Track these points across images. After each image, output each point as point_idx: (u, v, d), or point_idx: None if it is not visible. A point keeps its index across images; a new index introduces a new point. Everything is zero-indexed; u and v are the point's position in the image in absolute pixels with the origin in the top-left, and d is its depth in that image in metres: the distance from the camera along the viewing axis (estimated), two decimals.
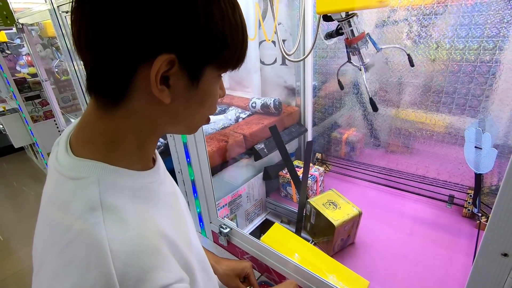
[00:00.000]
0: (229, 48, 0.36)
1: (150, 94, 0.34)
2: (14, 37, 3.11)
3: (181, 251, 0.39)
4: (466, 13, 1.01)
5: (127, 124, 0.36)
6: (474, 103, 1.10)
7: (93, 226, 0.31)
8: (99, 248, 0.30)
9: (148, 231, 0.35)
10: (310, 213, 1.14)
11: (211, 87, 0.38)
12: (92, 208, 0.32)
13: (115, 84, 0.34)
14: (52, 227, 0.33)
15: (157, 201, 0.40)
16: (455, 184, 1.26)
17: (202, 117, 0.41)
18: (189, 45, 0.32)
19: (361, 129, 1.50)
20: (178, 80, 0.34)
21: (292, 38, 1.50)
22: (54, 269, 0.31)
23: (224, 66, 0.38)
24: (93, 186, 0.33)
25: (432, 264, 1.01)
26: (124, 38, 0.31)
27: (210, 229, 1.13)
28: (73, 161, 0.35)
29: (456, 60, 1.08)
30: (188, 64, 0.34)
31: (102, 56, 0.32)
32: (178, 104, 0.36)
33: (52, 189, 0.36)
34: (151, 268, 0.32)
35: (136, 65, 0.32)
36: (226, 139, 1.30)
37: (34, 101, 2.75)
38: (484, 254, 0.46)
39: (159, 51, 0.31)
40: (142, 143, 0.39)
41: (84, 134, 0.37)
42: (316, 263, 0.89)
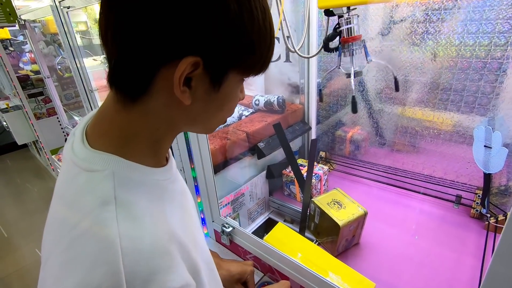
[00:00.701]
0: (255, 54, 0.35)
1: (170, 94, 0.33)
2: (17, 34, 3.11)
3: (189, 252, 0.38)
4: (476, 8, 0.98)
5: (144, 121, 0.36)
6: (483, 101, 1.07)
7: (105, 220, 0.30)
8: (110, 244, 0.29)
9: (159, 231, 0.34)
10: (314, 213, 1.12)
11: (232, 91, 0.38)
12: (105, 202, 0.31)
13: (136, 80, 0.33)
14: (63, 219, 0.33)
15: (168, 200, 0.40)
16: (462, 184, 1.23)
17: (219, 120, 0.41)
18: (215, 50, 0.32)
19: (366, 127, 1.47)
20: (200, 83, 0.34)
21: (296, 34, 1.47)
22: (62, 263, 0.30)
23: (248, 71, 0.37)
24: (108, 179, 0.33)
25: (439, 266, 0.99)
26: (152, 37, 0.30)
27: (212, 228, 1.12)
28: (88, 152, 0.35)
29: (465, 56, 1.05)
30: (212, 68, 0.33)
31: (128, 52, 0.32)
32: (198, 106, 0.36)
33: (66, 179, 0.35)
34: (159, 269, 0.31)
35: (160, 65, 0.32)
36: (228, 137, 1.28)
37: (37, 98, 2.75)
38: (500, 258, 0.44)
39: (185, 53, 0.31)
40: (158, 141, 0.39)
41: (100, 126, 0.37)
42: (321, 264, 0.87)
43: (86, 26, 2.08)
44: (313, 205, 1.11)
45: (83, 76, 1.63)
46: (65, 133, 2.70)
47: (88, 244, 0.30)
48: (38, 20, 2.09)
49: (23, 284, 1.99)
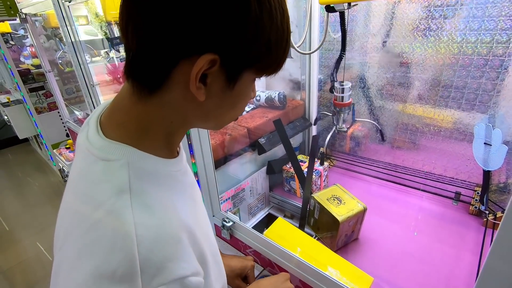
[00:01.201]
0: (272, 55, 0.36)
1: (186, 89, 0.34)
2: (18, 28, 3.10)
3: (199, 243, 0.39)
4: (479, 5, 0.98)
5: (159, 113, 0.37)
6: (484, 98, 1.07)
7: (121, 209, 0.32)
8: (126, 231, 0.31)
9: (172, 220, 0.35)
10: (314, 208, 1.13)
11: (245, 90, 0.38)
12: (121, 191, 0.33)
13: (154, 73, 0.34)
14: (81, 204, 0.34)
15: (180, 190, 0.41)
16: (462, 181, 1.24)
17: (231, 118, 0.42)
18: (234, 49, 0.32)
19: (367, 124, 1.48)
20: (215, 80, 0.34)
21: (298, 30, 1.47)
22: (79, 247, 0.31)
23: (263, 71, 0.37)
24: (123, 169, 0.34)
25: (437, 261, 1.00)
26: (174, 32, 0.30)
27: (213, 222, 1.13)
28: (104, 142, 0.36)
29: (467, 53, 1.05)
30: (228, 66, 0.33)
31: (148, 45, 0.32)
32: (211, 103, 0.36)
33: (82, 167, 0.36)
34: (172, 257, 0.33)
35: (178, 59, 0.32)
36: (229, 132, 1.28)
37: (38, 92, 2.75)
38: (496, 253, 0.45)
39: (204, 50, 0.31)
40: (171, 133, 0.40)
41: (116, 117, 0.38)
42: (320, 258, 0.88)
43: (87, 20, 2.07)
44: (313, 200, 1.12)
45: (84, 71, 1.63)
46: (66, 127, 2.71)
47: (105, 231, 0.31)
48: (39, 14, 2.09)
49: (24, 277, 2.01)
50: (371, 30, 1.27)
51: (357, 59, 1.39)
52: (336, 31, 1.40)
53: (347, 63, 1.43)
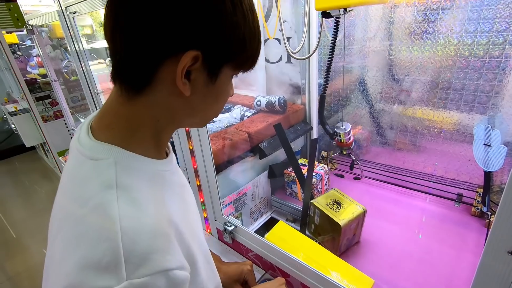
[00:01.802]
0: (246, 51, 0.39)
1: (173, 85, 0.36)
2: (25, 39, 3.18)
3: (185, 240, 0.40)
4: (474, 7, 0.99)
5: (147, 112, 0.39)
6: (483, 100, 1.08)
7: (107, 203, 0.33)
8: (111, 223, 0.32)
9: (158, 214, 0.36)
10: (314, 214, 1.13)
11: (225, 85, 0.41)
12: (108, 187, 0.34)
13: (141, 72, 0.36)
14: (71, 200, 0.36)
15: (168, 189, 0.42)
16: (463, 182, 1.23)
17: (215, 112, 0.45)
18: (213, 45, 0.35)
19: (367, 127, 1.48)
20: (198, 76, 0.37)
21: (297, 35, 1.49)
22: (69, 238, 0.33)
23: (239, 67, 0.41)
24: (110, 167, 0.36)
25: (440, 263, 0.99)
26: (159, 33, 0.33)
27: (215, 226, 1.14)
28: (93, 143, 0.38)
29: (464, 55, 1.06)
30: (209, 62, 0.36)
31: (134, 46, 0.34)
32: (196, 98, 0.39)
33: (73, 166, 0.39)
34: (156, 249, 0.34)
35: (164, 58, 0.35)
36: (231, 137, 1.30)
37: (44, 101, 2.81)
38: (490, 252, 0.45)
39: (188, 47, 0.34)
40: (159, 132, 0.41)
41: (105, 119, 0.40)
42: (321, 261, 0.89)
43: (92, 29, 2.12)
44: (312, 207, 1.12)
45: (89, 79, 1.67)
46: (72, 135, 2.75)
47: (92, 223, 0.33)
48: (45, 25, 2.14)
49: (31, 283, 2.04)
50: (369, 34, 1.28)
51: (356, 63, 1.40)
52: None
53: (346, 67, 1.44)
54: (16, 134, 3.04)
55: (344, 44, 1.39)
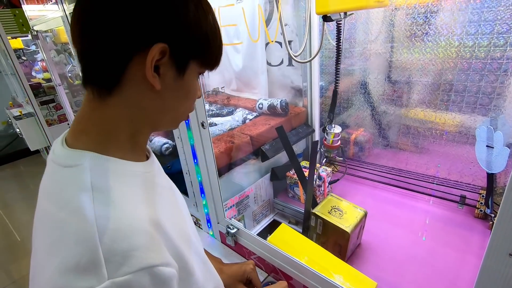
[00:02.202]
0: (210, 48, 0.41)
1: (143, 82, 0.37)
2: (30, 44, 3.22)
3: (172, 240, 0.39)
4: (475, 10, 0.99)
5: (120, 113, 0.39)
6: (485, 101, 1.08)
7: (83, 205, 0.33)
8: (87, 224, 0.32)
9: (137, 213, 0.36)
10: (315, 224, 1.10)
11: (193, 82, 0.42)
12: (83, 190, 0.34)
13: (111, 71, 0.37)
14: (48, 209, 0.36)
15: (150, 190, 0.42)
16: (466, 184, 1.23)
17: (185, 110, 0.45)
18: (179, 38, 0.37)
19: (370, 129, 1.49)
20: (167, 70, 0.38)
21: (298, 39, 1.50)
22: (49, 244, 0.33)
23: (204, 64, 0.42)
24: (85, 171, 0.36)
25: (443, 266, 0.99)
26: (125, 29, 0.34)
27: (217, 229, 1.14)
28: (67, 151, 0.38)
29: (465, 57, 1.06)
30: (176, 56, 0.38)
31: (103, 44, 0.35)
32: (167, 93, 0.40)
33: (48, 177, 0.39)
34: (138, 246, 0.33)
35: (132, 53, 0.36)
36: (233, 140, 1.31)
37: (48, 105, 2.83)
38: (492, 254, 0.45)
39: (155, 40, 0.35)
40: (134, 134, 0.41)
41: (79, 126, 0.40)
42: (323, 264, 0.89)
43: None
44: (313, 216, 1.10)
45: None
46: None
47: (69, 227, 0.33)
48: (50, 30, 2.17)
49: None
50: (370, 37, 1.29)
51: (358, 65, 1.41)
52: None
53: (348, 70, 1.45)
54: (21, 138, 3.07)
55: (342, 47, 1.39)
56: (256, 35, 1.49)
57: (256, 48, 1.60)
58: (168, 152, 1.50)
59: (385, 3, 0.88)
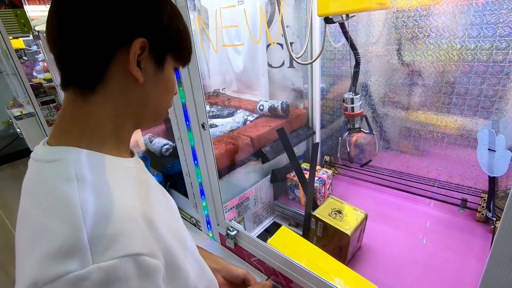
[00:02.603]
0: (183, 42, 0.44)
1: (125, 76, 0.39)
2: (31, 44, 3.22)
3: (160, 234, 0.39)
4: (477, 13, 0.99)
5: (104, 109, 0.39)
6: (487, 104, 1.07)
7: (68, 191, 0.33)
8: (72, 208, 0.32)
9: (125, 201, 0.36)
10: (316, 227, 1.10)
11: (170, 74, 0.44)
12: (67, 179, 0.34)
13: (93, 69, 0.38)
14: (29, 203, 0.36)
15: (139, 184, 0.42)
16: (468, 187, 1.22)
17: (166, 103, 0.47)
18: (157, 33, 0.39)
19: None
20: (147, 64, 0.40)
21: (299, 40, 1.50)
22: (32, 235, 0.33)
23: (179, 58, 0.45)
24: (69, 164, 0.36)
25: (444, 269, 0.98)
26: (105, 25, 0.36)
27: (217, 231, 1.14)
28: (49, 148, 0.38)
29: (467, 60, 1.06)
30: (155, 50, 0.40)
31: (83, 44, 0.36)
32: (149, 85, 0.41)
33: (29, 177, 0.39)
34: (124, 232, 0.33)
35: (114, 50, 0.37)
36: (233, 142, 1.30)
37: (49, 105, 2.83)
38: (495, 259, 0.45)
39: (135, 36, 0.37)
40: (118, 129, 0.42)
41: (61, 127, 0.40)
42: (323, 267, 0.88)
43: None
44: (314, 219, 1.09)
45: None
46: None
47: (55, 212, 0.32)
48: None
49: None
50: (371, 39, 1.29)
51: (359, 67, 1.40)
52: (337, 40, 1.42)
53: (348, 71, 1.45)
54: (21, 138, 3.07)
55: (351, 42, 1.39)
56: (257, 36, 1.49)
57: (257, 49, 1.60)
58: (168, 153, 1.50)
59: (387, 6, 0.88)
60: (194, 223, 1.29)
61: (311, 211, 1.12)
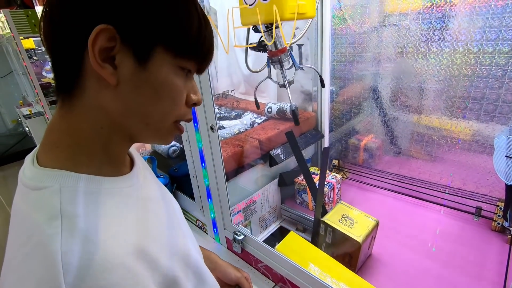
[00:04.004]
0: (179, 31, 0.33)
1: (100, 79, 0.32)
2: (41, 44, 3.26)
3: (157, 263, 0.36)
4: (495, 15, 0.96)
5: (85, 119, 0.34)
6: (504, 110, 1.04)
7: (50, 237, 0.29)
8: (51, 261, 0.28)
9: (112, 244, 0.32)
10: (325, 233, 1.07)
11: (164, 75, 0.34)
12: (51, 218, 0.30)
13: (66, 72, 0.33)
14: (14, 239, 0.32)
15: (132, 208, 0.38)
16: (483, 195, 1.18)
17: (162, 114, 0.36)
18: (126, 18, 0.31)
19: (380, 135, 1.45)
20: (124, 59, 0.32)
21: (309, 42, 1.48)
22: (13, 282, 0.30)
23: (179, 54, 0.34)
24: (54, 195, 0.31)
25: (458, 280, 0.95)
26: (68, 21, 0.31)
27: (224, 235, 1.12)
28: (36, 171, 0.34)
29: (484, 64, 1.02)
30: (131, 41, 0.31)
31: (54, 44, 0.32)
32: (127, 88, 0.33)
33: (16, 202, 0.35)
34: (111, 284, 0.30)
35: (82, 47, 0.31)
36: (241, 144, 1.28)
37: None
38: None
39: (96, 24, 0.30)
40: (107, 144, 0.36)
41: (49, 138, 0.36)
42: (333, 275, 0.85)
43: None
44: (323, 225, 1.06)
45: None
46: None
47: (34, 263, 0.29)
48: None
49: None
50: (383, 41, 1.26)
51: (370, 70, 1.38)
52: (348, 44, 1.40)
53: (359, 74, 1.42)
54: (30, 136, 3.10)
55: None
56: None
57: None
58: (175, 155, 1.49)
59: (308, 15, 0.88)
60: (200, 226, 1.28)
61: (320, 217, 1.09)
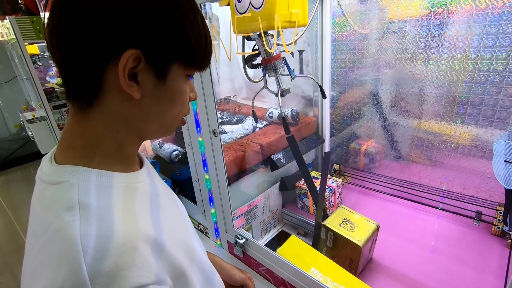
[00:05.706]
0: (193, 48, 0.38)
1: (122, 91, 0.35)
2: (45, 50, 3.30)
3: (168, 252, 0.38)
4: (492, 22, 0.98)
5: (103, 125, 0.38)
6: (503, 115, 1.05)
7: (69, 223, 0.32)
8: (71, 244, 0.31)
9: (126, 229, 0.35)
10: (326, 237, 1.08)
11: (178, 85, 0.40)
12: (69, 208, 0.33)
13: (87, 83, 0.35)
14: (34, 231, 0.35)
15: (142, 200, 0.41)
16: (483, 199, 1.19)
17: (174, 116, 0.42)
18: (152, 42, 0.35)
19: (381, 140, 1.46)
20: (146, 76, 0.36)
21: (310, 48, 1.50)
22: (33, 268, 0.32)
23: (190, 65, 0.39)
24: (72, 188, 0.35)
25: (458, 285, 0.95)
26: (91, 36, 0.33)
27: (225, 239, 1.12)
28: (54, 168, 0.37)
29: (482, 70, 1.04)
30: (154, 61, 0.36)
31: (73, 56, 0.34)
32: (148, 100, 0.38)
33: (36, 196, 0.38)
34: (126, 266, 0.32)
35: (105, 63, 0.34)
36: (243, 149, 1.30)
37: (61, 109, 2.88)
38: None
39: (125, 48, 0.33)
40: (121, 145, 0.40)
41: (65, 141, 0.39)
42: (334, 278, 0.86)
43: None
44: (324, 229, 1.07)
45: None
46: None
47: (54, 247, 0.31)
48: None
49: None
50: (383, 47, 1.28)
51: (370, 76, 1.40)
52: (348, 50, 1.42)
53: (359, 80, 1.44)
54: (33, 141, 3.12)
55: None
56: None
57: None
58: (177, 159, 1.50)
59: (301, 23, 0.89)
60: (202, 230, 1.29)
61: (321, 221, 1.10)
